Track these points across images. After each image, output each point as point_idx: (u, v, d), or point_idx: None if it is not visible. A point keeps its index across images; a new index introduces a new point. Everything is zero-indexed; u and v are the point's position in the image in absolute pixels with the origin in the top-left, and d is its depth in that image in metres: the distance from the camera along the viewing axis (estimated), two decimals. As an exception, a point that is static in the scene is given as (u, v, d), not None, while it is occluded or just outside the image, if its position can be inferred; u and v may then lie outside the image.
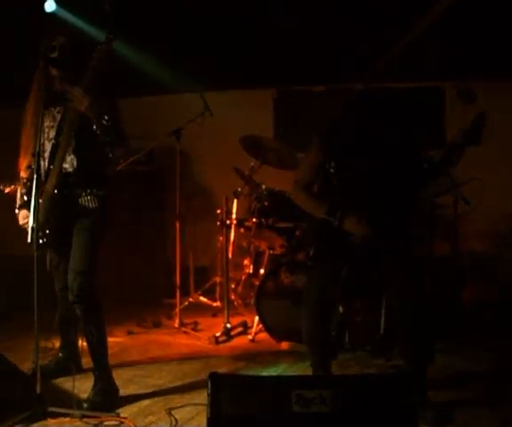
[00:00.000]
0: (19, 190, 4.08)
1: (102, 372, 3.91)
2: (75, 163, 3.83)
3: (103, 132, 3.74)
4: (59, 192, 3.77)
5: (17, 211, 4.03)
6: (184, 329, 5.60)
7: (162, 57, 6.68)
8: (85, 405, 3.71)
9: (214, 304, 6.13)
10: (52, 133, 3.85)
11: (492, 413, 3.55)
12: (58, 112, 3.88)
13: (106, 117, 3.73)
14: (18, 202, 4.05)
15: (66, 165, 3.82)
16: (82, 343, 4.01)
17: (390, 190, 3.61)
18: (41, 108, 3.65)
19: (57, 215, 3.79)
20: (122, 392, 3.97)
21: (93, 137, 3.79)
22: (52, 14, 6.29)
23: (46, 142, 3.85)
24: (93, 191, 3.88)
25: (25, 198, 3.98)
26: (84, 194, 3.86)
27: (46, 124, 3.85)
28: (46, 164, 3.82)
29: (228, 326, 5.43)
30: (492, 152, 6.11)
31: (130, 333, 5.56)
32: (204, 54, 6.65)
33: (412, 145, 3.76)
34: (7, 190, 4.38)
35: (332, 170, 3.67)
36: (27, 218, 3.87)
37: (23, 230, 3.92)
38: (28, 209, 3.83)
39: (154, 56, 6.70)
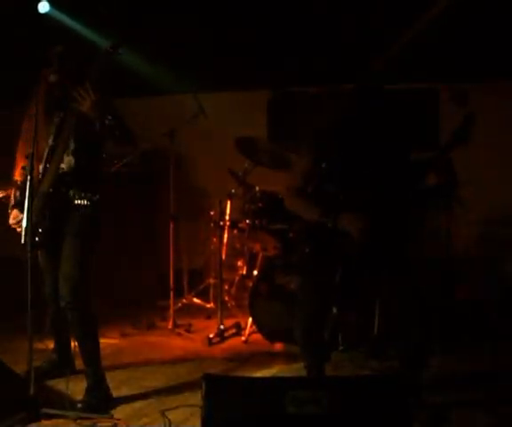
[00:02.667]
0: (13, 192, 4.07)
1: (95, 374, 3.90)
2: (72, 163, 3.83)
3: (108, 132, 3.74)
4: (54, 191, 3.76)
5: (9, 211, 4.03)
6: (178, 331, 5.59)
7: (156, 58, 6.68)
8: (79, 406, 3.71)
9: (208, 306, 6.12)
10: (51, 139, 3.85)
11: (487, 413, 3.56)
12: (57, 117, 3.88)
13: (109, 117, 3.73)
14: (11, 202, 4.05)
15: (63, 165, 3.82)
16: (75, 345, 4.00)
17: (384, 190, 3.62)
18: (38, 111, 3.64)
19: (50, 215, 3.77)
20: (116, 394, 3.97)
21: (92, 139, 3.79)
22: (45, 15, 6.28)
23: (45, 148, 3.83)
24: (88, 195, 3.88)
25: (18, 197, 3.97)
26: (78, 196, 3.86)
27: (46, 131, 3.84)
28: (43, 165, 3.82)
29: (222, 327, 5.42)
30: (486, 154, 6.15)
31: (124, 334, 5.55)
32: (199, 55, 6.65)
33: (406, 145, 3.77)
34: (0, 196, 4.36)
35: (324, 172, 3.68)
36: (17, 218, 3.88)
37: (17, 233, 3.92)
38: (20, 209, 3.84)
39: (148, 57, 6.70)
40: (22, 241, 3.55)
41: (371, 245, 3.61)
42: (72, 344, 4.20)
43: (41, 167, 3.82)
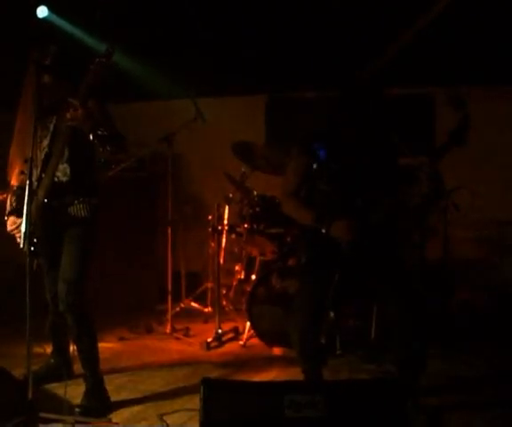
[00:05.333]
0: (9, 198, 4.06)
1: (93, 378, 3.91)
2: (68, 171, 3.82)
3: (101, 144, 3.73)
4: (49, 201, 3.74)
5: (6, 218, 4.01)
6: (176, 335, 5.60)
7: (154, 63, 6.69)
8: (77, 410, 3.71)
9: (206, 310, 6.13)
10: (45, 143, 3.82)
11: (486, 416, 3.57)
12: (50, 122, 3.86)
13: (101, 129, 3.71)
14: (7, 209, 4.03)
15: (58, 174, 3.80)
16: (73, 349, 4.01)
17: (376, 193, 3.63)
18: (33, 116, 3.62)
19: (47, 224, 3.77)
20: (114, 398, 3.98)
21: (86, 146, 3.78)
22: (44, 20, 6.29)
23: (38, 151, 3.79)
24: (85, 200, 3.88)
25: (14, 205, 3.96)
26: (76, 202, 3.86)
27: (38, 133, 3.81)
28: (38, 172, 3.76)
29: (220, 331, 5.43)
30: (482, 158, 6.17)
31: (121, 338, 5.56)
32: (197, 60, 6.67)
33: (397, 148, 3.79)
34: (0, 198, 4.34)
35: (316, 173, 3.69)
36: (14, 224, 3.87)
37: (13, 238, 3.92)
38: (17, 216, 3.82)
39: (146, 62, 6.71)
40: (21, 246, 3.55)
41: (366, 249, 3.62)
42: (71, 348, 4.21)
43: (37, 173, 3.76)
